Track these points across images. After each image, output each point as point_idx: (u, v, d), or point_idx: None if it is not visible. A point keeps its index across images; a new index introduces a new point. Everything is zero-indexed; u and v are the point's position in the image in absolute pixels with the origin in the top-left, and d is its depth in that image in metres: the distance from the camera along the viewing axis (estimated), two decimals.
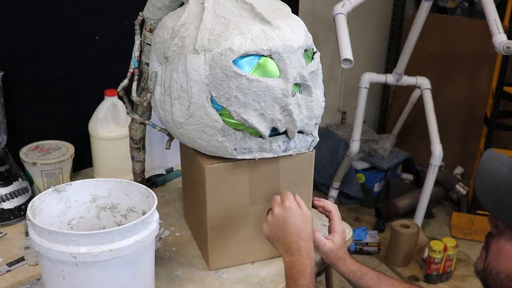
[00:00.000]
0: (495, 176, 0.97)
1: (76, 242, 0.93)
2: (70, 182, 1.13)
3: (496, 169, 0.97)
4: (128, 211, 1.15)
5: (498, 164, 0.98)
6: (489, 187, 0.96)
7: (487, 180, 0.97)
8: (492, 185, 0.96)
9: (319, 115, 1.21)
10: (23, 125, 1.60)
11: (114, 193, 1.15)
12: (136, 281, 1.03)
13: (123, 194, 1.14)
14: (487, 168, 0.99)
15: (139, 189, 1.11)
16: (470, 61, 3.29)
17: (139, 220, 0.98)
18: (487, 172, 0.98)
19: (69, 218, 1.14)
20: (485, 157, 1.00)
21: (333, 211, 1.25)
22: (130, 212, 1.15)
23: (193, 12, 1.14)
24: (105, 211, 1.16)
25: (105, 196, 1.15)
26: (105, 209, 1.16)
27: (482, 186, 0.97)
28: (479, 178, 0.98)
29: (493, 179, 0.96)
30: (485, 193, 0.97)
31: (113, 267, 0.97)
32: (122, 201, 1.15)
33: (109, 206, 1.16)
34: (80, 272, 0.96)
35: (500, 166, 0.98)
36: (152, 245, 1.06)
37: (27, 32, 1.53)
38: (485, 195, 0.97)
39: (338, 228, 1.24)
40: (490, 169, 0.98)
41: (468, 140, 3.39)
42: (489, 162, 0.99)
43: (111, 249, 0.94)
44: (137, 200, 1.12)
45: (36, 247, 0.97)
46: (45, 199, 1.08)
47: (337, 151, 3.14)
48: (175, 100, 1.15)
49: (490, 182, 0.96)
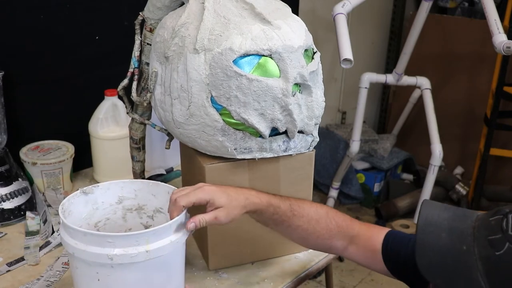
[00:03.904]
0: (438, 247, 0.84)
1: (112, 244, 0.92)
2: (97, 184, 1.12)
3: (436, 238, 0.85)
4: (155, 212, 1.14)
5: (438, 231, 0.85)
6: (434, 262, 0.83)
7: (430, 254, 0.84)
8: (438, 260, 0.83)
9: (319, 115, 1.21)
10: (23, 125, 1.60)
11: (140, 194, 1.13)
12: (169, 282, 1.03)
13: (150, 195, 1.13)
14: (427, 240, 0.85)
15: (166, 189, 1.10)
16: (470, 61, 3.29)
17: (174, 221, 0.97)
18: (429, 245, 0.85)
19: (96, 220, 1.13)
20: (421, 224, 0.87)
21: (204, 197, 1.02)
22: (157, 213, 1.13)
23: (193, 12, 1.14)
24: (131, 213, 1.15)
25: (131, 197, 1.14)
26: (131, 211, 1.15)
27: (426, 262, 0.84)
28: (421, 253, 0.84)
29: (436, 253, 0.84)
30: (432, 270, 0.83)
31: (148, 269, 0.96)
32: (148, 202, 1.13)
33: (135, 208, 1.14)
34: (116, 274, 0.95)
35: (440, 233, 0.85)
36: (184, 246, 1.04)
37: (27, 32, 1.53)
38: (432, 272, 0.83)
39: (218, 202, 1.01)
40: (430, 241, 0.85)
41: (468, 140, 3.39)
42: (428, 232, 0.86)
43: (148, 250, 0.93)
44: (164, 201, 1.10)
45: (70, 249, 0.96)
46: (74, 201, 1.07)
47: (337, 151, 3.14)
48: (175, 100, 1.15)
49: (434, 257, 0.83)
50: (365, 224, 1.13)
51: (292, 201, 1.09)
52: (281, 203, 1.07)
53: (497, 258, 0.78)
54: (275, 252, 1.32)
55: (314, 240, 1.11)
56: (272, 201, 1.06)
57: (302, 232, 1.09)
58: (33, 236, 1.36)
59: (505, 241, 0.78)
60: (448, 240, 0.84)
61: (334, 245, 1.11)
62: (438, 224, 0.86)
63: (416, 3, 3.61)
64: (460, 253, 0.82)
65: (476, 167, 3.03)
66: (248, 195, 1.04)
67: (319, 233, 1.09)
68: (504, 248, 0.77)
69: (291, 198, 1.10)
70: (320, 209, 1.11)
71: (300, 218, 1.08)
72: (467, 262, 0.81)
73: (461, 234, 0.84)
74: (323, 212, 1.10)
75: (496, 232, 0.79)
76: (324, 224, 1.09)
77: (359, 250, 1.10)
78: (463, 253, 0.81)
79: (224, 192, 1.02)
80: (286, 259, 1.33)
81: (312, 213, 1.09)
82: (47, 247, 1.33)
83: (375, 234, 1.09)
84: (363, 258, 1.11)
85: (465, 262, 0.81)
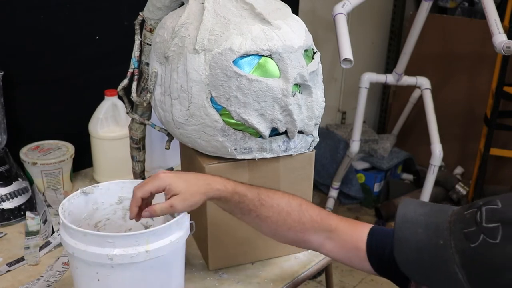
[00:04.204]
0: (415, 243, 0.85)
1: (112, 244, 0.92)
2: (97, 184, 1.12)
3: (413, 234, 0.86)
4: None
5: (414, 227, 0.87)
6: (411, 258, 0.85)
7: (408, 250, 0.85)
8: (415, 255, 0.85)
9: (319, 115, 1.21)
10: (23, 125, 1.60)
11: None
12: (169, 282, 1.03)
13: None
14: (403, 237, 0.87)
15: None
16: (470, 61, 3.29)
17: (174, 221, 0.97)
18: (406, 241, 0.86)
19: (96, 220, 1.13)
20: (398, 221, 0.88)
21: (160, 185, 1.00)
22: None
23: (193, 12, 1.14)
24: None
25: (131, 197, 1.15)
26: None
27: (404, 258, 0.85)
28: (398, 250, 0.86)
29: (413, 249, 0.85)
30: (409, 266, 0.85)
31: (148, 269, 0.96)
32: None
33: None
34: (115, 274, 0.95)
35: (416, 229, 0.86)
36: (184, 246, 1.05)
37: (27, 32, 1.53)
38: (410, 268, 0.85)
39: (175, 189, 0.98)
40: (407, 237, 0.86)
41: (468, 140, 3.39)
42: (405, 228, 0.87)
43: (147, 250, 0.94)
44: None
45: (70, 249, 0.96)
46: (74, 201, 1.07)
47: (337, 151, 3.14)
48: (175, 100, 1.15)
49: (411, 253, 0.85)
50: (345, 220, 1.07)
51: (261, 191, 1.04)
52: (248, 192, 1.02)
53: (472, 250, 0.79)
54: (275, 252, 1.32)
55: (285, 232, 1.05)
56: (238, 189, 1.02)
57: (272, 223, 1.04)
58: (33, 236, 1.36)
59: (480, 233, 0.79)
60: (425, 236, 0.85)
61: (309, 240, 1.06)
62: (415, 220, 0.87)
63: (416, 3, 3.61)
64: (437, 248, 0.83)
65: (476, 167, 3.04)
66: (210, 181, 1.01)
67: (290, 225, 1.04)
68: (478, 240, 0.79)
69: (261, 188, 1.05)
70: (292, 201, 1.05)
71: (269, 209, 1.03)
72: (443, 256, 0.82)
73: (437, 229, 0.85)
74: (296, 204, 1.05)
75: (471, 225, 0.81)
76: (297, 216, 1.04)
77: (338, 246, 1.05)
78: (440, 247, 0.83)
79: (181, 178, 0.99)
80: (286, 259, 1.33)
81: (283, 204, 1.04)
82: (47, 247, 1.33)
83: (358, 230, 1.05)
84: (343, 254, 1.06)
85: (442, 256, 0.82)
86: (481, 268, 0.79)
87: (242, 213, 1.05)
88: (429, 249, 0.84)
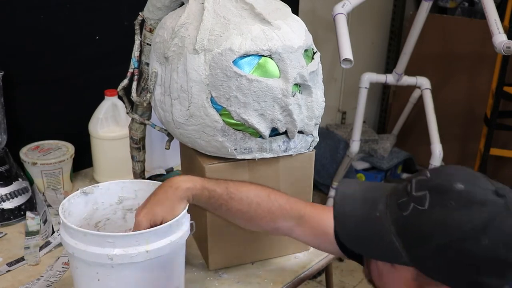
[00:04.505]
0: (354, 218, 0.90)
1: (112, 244, 0.92)
2: (97, 184, 1.12)
3: (352, 209, 0.91)
4: None
5: (353, 203, 0.92)
6: (352, 233, 0.90)
7: (348, 224, 0.91)
8: (355, 230, 0.90)
9: (319, 115, 1.21)
10: (23, 125, 1.60)
11: (140, 194, 1.13)
12: (169, 282, 1.03)
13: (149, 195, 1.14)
14: (342, 212, 0.92)
15: None
16: (470, 61, 3.29)
17: (174, 221, 0.98)
18: (344, 216, 0.91)
19: (96, 220, 1.13)
20: (337, 199, 0.93)
21: None
22: None
23: (193, 12, 1.14)
24: (132, 213, 1.14)
25: (131, 197, 1.14)
26: (131, 211, 1.15)
27: (345, 233, 0.91)
28: (339, 225, 0.91)
29: (352, 223, 0.90)
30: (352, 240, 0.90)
31: (148, 268, 0.97)
32: None
33: (135, 208, 1.13)
34: (116, 274, 0.95)
35: (355, 204, 0.92)
36: (184, 246, 1.05)
37: (27, 32, 1.53)
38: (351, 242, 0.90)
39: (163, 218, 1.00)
40: (346, 212, 0.91)
41: (468, 140, 3.39)
42: (344, 204, 0.92)
43: (147, 250, 0.94)
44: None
45: (70, 249, 0.96)
46: (74, 201, 1.07)
47: (337, 151, 3.14)
48: (175, 100, 1.16)
49: (351, 227, 0.90)
50: (314, 205, 1.11)
51: (229, 184, 1.06)
52: (216, 187, 1.04)
53: (405, 218, 0.84)
54: (275, 252, 1.32)
55: (257, 222, 1.08)
56: (207, 185, 1.04)
57: (243, 215, 1.06)
58: (33, 236, 1.36)
59: (410, 202, 0.84)
60: (363, 210, 0.90)
61: (280, 227, 1.09)
62: (353, 196, 0.93)
63: (416, 3, 3.61)
64: (374, 220, 0.88)
65: (476, 167, 3.03)
66: (178, 184, 1.02)
67: (261, 216, 1.06)
68: (409, 208, 0.84)
69: (229, 181, 1.07)
70: (261, 192, 1.08)
71: (239, 202, 1.05)
72: (381, 227, 0.87)
73: (374, 202, 0.90)
74: (265, 194, 1.07)
75: (403, 195, 0.86)
76: (266, 206, 1.06)
77: (307, 231, 1.08)
78: (377, 219, 0.88)
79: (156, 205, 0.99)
80: (286, 259, 1.33)
81: (252, 195, 1.06)
82: (47, 247, 1.33)
83: (326, 215, 1.07)
84: (312, 238, 1.10)
85: (379, 227, 0.87)
86: (413, 235, 0.84)
87: (213, 208, 1.07)
88: (367, 222, 0.89)
